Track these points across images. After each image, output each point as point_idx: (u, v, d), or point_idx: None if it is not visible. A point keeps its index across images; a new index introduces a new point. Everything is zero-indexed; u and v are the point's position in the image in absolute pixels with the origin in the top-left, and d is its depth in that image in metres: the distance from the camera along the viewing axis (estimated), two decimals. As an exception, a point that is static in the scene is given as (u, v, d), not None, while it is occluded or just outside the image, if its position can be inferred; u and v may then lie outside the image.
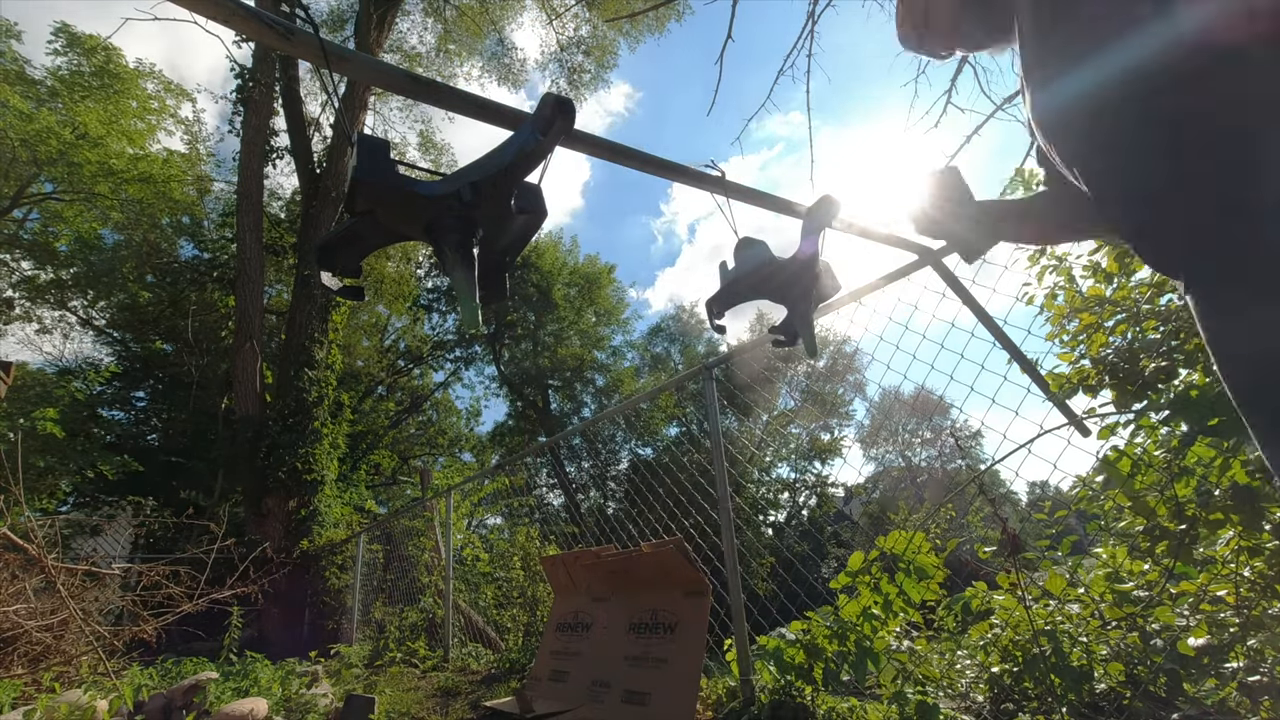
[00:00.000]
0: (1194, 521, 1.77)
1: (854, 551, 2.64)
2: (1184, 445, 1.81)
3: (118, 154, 13.24)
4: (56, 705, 2.77)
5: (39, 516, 8.85)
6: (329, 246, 1.03)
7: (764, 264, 1.41)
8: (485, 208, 0.98)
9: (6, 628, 3.67)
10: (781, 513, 22.01)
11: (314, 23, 0.94)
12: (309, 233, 10.43)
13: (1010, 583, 2.47)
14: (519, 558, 4.84)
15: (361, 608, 7.24)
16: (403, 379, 22.01)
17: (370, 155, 0.91)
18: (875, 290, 2.40)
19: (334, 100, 1.11)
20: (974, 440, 22.71)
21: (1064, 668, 2.06)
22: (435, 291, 21.13)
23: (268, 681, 3.91)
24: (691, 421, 20.93)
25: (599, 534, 6.37)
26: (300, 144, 10.96)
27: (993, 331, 2.29)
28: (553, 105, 0.95)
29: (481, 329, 0.94)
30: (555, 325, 23.03)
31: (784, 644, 2.41)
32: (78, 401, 13.61)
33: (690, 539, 3.72)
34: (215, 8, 0.88)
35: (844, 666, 2.30)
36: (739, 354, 3.56)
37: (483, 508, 8.84)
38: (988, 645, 2.54)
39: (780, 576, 14.10)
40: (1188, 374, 2.04)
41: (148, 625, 4.25)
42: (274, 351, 11.82)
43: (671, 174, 1.37)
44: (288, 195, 16.13)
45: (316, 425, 9.39)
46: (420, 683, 4.34)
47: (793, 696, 2.34)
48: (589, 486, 22.64)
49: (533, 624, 4.51)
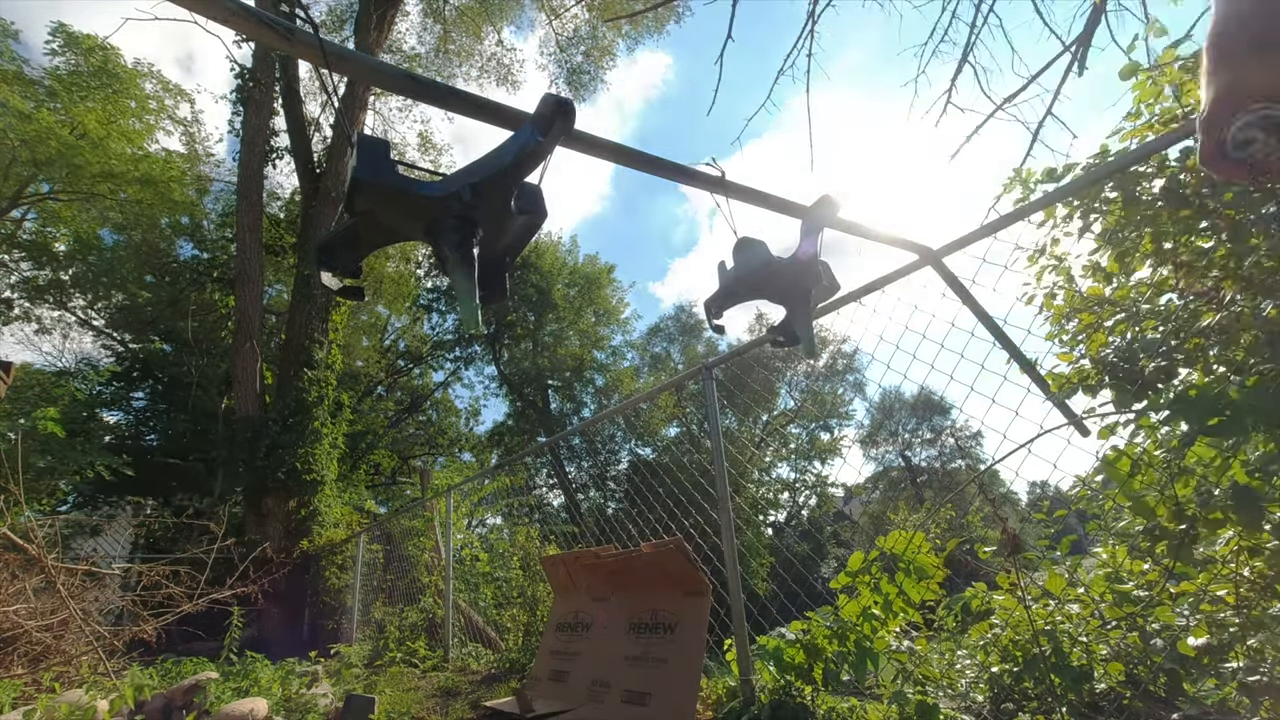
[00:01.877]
0: (1194, 521, 1.77)
1: (854, 551, 2.64)
2: (1184, 445, 1.81)
3: (117, 154, 13.22)
4: (57, 705, 2.77)
5: (39, 516, 8.84)
6: (329, 246, 1.03)
7: (763, 264, 1.41)
8: (485, 208, 0.98)
9: (6, 628, 3.67)
10: (781, 513, 22.02)
11: (314, 23, 0.94)
12: (309, 233, 10.43)
13: (1010, 583, 2.48)
14: (519, 558, 4.84)
15: (361, 608, 7.24)
16: (402, 379, 22.02)
17: (370, 155, 0.91)
18: (875, 290, 2.40)
19: (334, 100, 1.11)
20: (974, 440, 22.73)
21: (1064, 668, 2.06)
22: (435, 291, 21.13)
23: (268, 681, 3.91)
24: (692, 421, 20.94)
25: (599, 534, 6.37)
26: (300, 144, 10.96)
27: (993, 331, 2.29)
28: (552, 106, 0.95)
29: (481, 329, 0.94)
30: (555, 325, 23.04)
31: (784, 644, 2.41)
32: (78, 401, 13.60)
33: (690, 539, 3.72)
34: (215, 8, 0.88)
35: (844, 666, 2.30)
36: (739, 354, 3.56)
37: (483, 507, 8.83)
38: (988, 645, 2.54)
39: (780, 576, 14.10)
40: (1187, 374, 2.04)
41: (148, 625, 4.25)
42: (274, 351, 11.81)
43: (671, 174, 1.37)
44: (288, 195, 16.12)
45: (316, 425, 9.39)
46: (420, 683, 4.34)
47: (793, 696, 2.34)
48: (589, 486, 22.64)
49: (533, 624, 4.50)
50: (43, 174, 13.05)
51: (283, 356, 10.15)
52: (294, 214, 14.42)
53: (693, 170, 1.39)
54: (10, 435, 9.98)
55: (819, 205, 1.44)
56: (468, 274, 0.95)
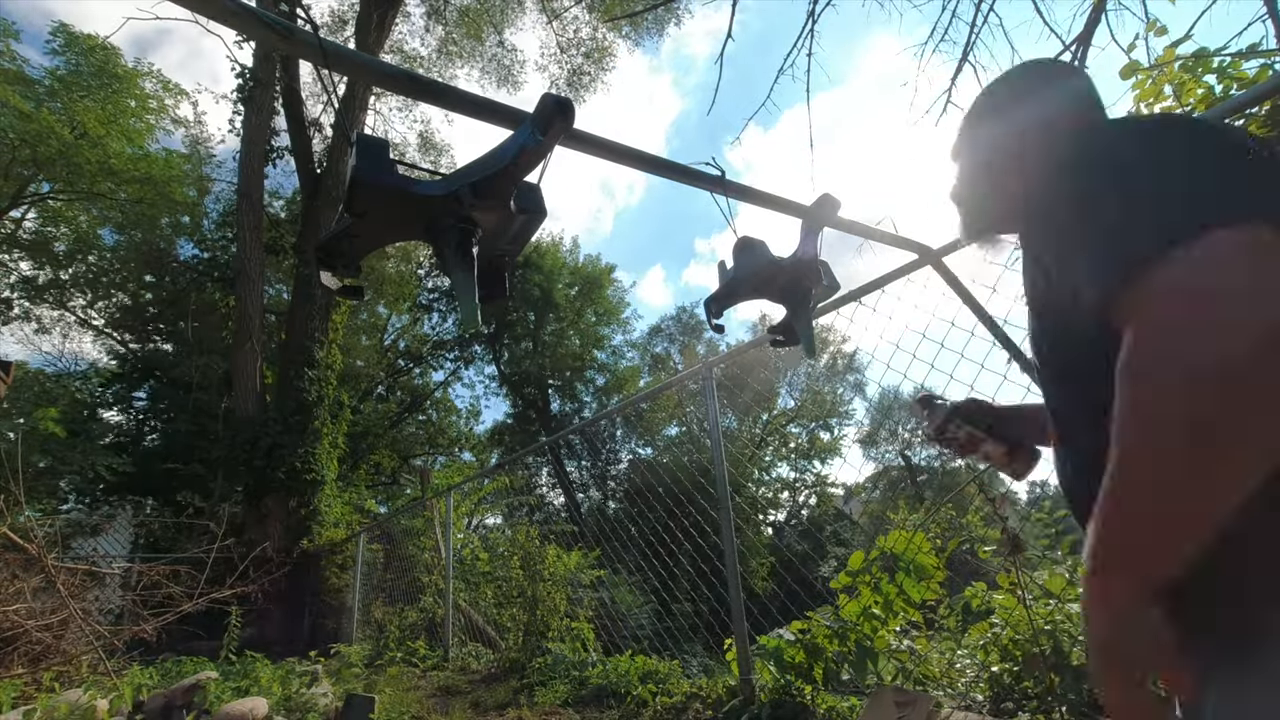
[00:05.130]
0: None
1: (854, 551, 2.64)
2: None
3: (117, 154, 13.22)
4: (57, 705, 2.78)
5: (39, 516, 8.84)
6: (329, 246, 1.03)
7: (763, 264, 1.41)
8: (485, 207, 0.98)
9: (6, 627, 3.67)
10: (781, 512, 22.02)
11: (314, 22, 0.94)
12: (309, 233, 10.42)
13: (1010, 582, 2.48)
14: (519, 557, 4.84)
15: (361, 607, 7.24)
16: (402, 379, 22.01)
17: (370, 155, 0.91)
18: (875, 290, 2.40)
19: (334, 100, 1.11)
20: (974, 440, 22.65)
21: (1064, 667, 2.06)
22: (435, 291, 21.12)
23: (268, 681, 3.91)
24: (691, 421, 20.94)
25: (599, 534, 6.37)
26: (300, 144, 10.95)
27: (993, 331, 2.29)
28: (552, 105, 0.95)
29: (481, 329, 0.95)
30: (556, 325, 23.04)
31: (784, 643, 2.41)
32: (78, 401, 13.60)
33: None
34: (215, 7, 0.88)
35: (844, 666, 2.30)
36: (739, 354, 3.56)
37: (483, 507, 8.83)
38: (988, 645, 2.54)
39: (780, 576, 14.10)
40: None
41: (148, 625, 4.25)
42: (274, 351, 11.80)
43: (671, 174, 1.37)
44: (288, 195, 16.12)
45: (316, 425, 9.40)
46: (420, 682, 4.34)
47: (793, 696, 2.35)
48: (589, 486, 22.64)
49: (532, 624, 4.50)
50: (43, 173, 13.06)
51: (283, 356, 10.15)
52: (294, 214, 14.42)
53: (693, 170, 1.39)
54: (10, 435, 9.99)
55: (819, 205, 1.43)
56: (467, 274, 0.95)
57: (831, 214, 1.44)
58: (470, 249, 0.97)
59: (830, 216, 1.44)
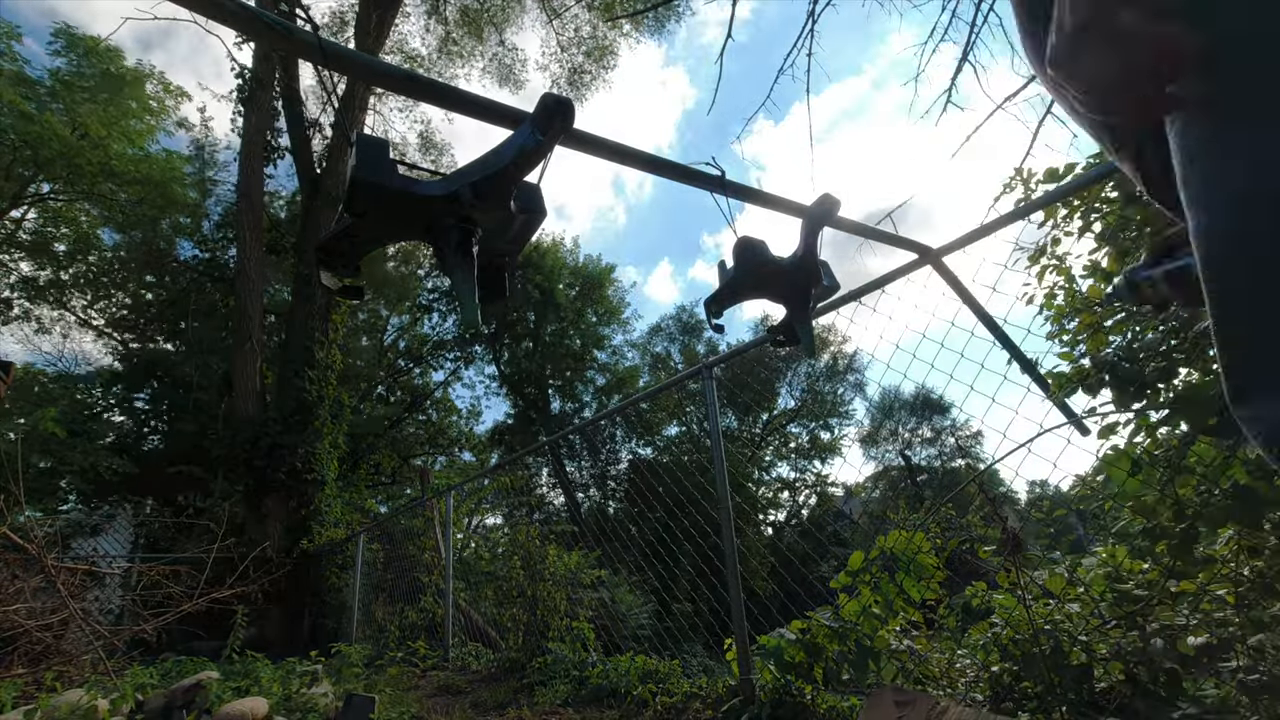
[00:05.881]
0: (1194, 521, 1.77)
1: (854, 551, 2.64)
2: (1184, 445, 1.81)
3: (118, 155, 13.23)
4: (57, 705, 2.78)
5: (39, 517, 8.85)
6: (329, 246, 1.03)
7: (763, 264, 1.41)
8: (485, 208, 0.98)
9: (7, 627, 3.67)
10: (781, 512, 22.02)
11: (313, 22, 0.94)
12: (309, 233, 10.42)
13: (1010, 582, 2.47)
14: (519, 557, 4.84)
15: (362, 607, 7.25)
16: (402, 379, 22.01)
17: (370, 155, 0.91)
18: (875, 290, 2.40)
19: (333, 100, 1.11)
20: (974, 440, 22.72)
21: (1064, 667, 2.06)
22: (435, 291, 21.12)
23: (268, 681, 3.91)
24: (691, 421, 20.94)
25: (599, 534, 6.37)
26: (301, 144, 10.95)
27: (993, 331, 2.29)
28: (552, 105, 0.95)
29: (481, 329, 0.95)
30: (556, 325, 23.04)
31: (784, 643, 2.41)
32: (78, 401, 13.60)
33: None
34: (215, 7, 0.88)
35: (844, 666, 2.30)
36: (739, 354, 3.56)
37: (484, 506, 8.83)
38: (988, 645, 2.54)
39: (780, 576, 14.09)
40: (1187, 373, 2.03)
41: (148, 625, 4.26)
42: (274, 351, 11.80)
43: (672, 174, 1.37)
44: (288, 195, 16.13)
45: (316, 425, 9.40)
46: (420, 682, 4.34)
47: (793, 695, 2.35)
48: (589, 485, 22.63)
49: (533, 623, 4.50)
50: (44, 174, 13.07)
51: (283, 356, 10.15)
52: (294, 214, 14.43)
53: (693, 170, 1.39)
54: (10, 435, 10.00)
55: (819, 204, 1.44)
56: (468, 274, 0.95)
57: (832, 213, 1.44)
58: (470, 249, 0.97)
59: (830, 216, 1.44)
